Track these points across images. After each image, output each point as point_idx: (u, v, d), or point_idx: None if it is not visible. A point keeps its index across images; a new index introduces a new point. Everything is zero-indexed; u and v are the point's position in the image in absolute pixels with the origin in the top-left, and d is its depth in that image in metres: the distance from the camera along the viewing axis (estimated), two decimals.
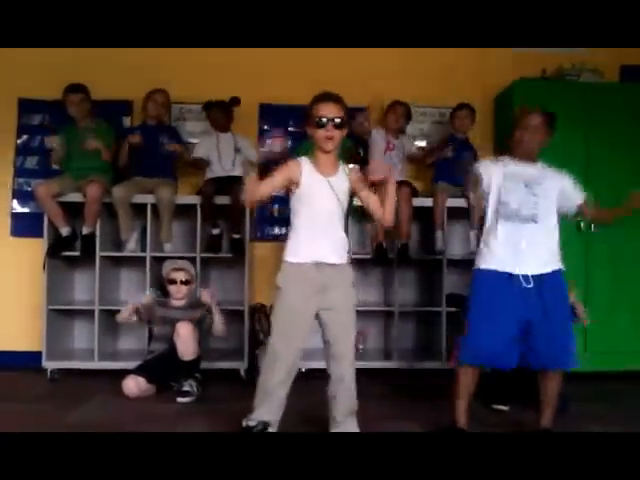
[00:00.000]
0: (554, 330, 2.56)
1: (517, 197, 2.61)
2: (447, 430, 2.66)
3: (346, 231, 2.57)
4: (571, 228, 3.95)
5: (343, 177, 2.55)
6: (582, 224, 3.96)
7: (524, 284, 2.55)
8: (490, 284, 2.59)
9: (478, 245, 2.79)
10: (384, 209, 2.55)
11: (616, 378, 3.86)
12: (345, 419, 2.55)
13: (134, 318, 3.61)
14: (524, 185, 2.63)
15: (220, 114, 4.10)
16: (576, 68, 4.17)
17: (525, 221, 2.60)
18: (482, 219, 2.88)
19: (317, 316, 2.53)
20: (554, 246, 2.67)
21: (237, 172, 4.03)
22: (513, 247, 2.59)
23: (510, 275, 2.57)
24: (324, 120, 2.43)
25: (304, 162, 2.52)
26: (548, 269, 2.61)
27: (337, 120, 2.44)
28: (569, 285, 3.17)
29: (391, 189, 2.52)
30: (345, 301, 2.55)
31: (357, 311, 3.95)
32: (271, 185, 2.49)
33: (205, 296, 3.64)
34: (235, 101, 4.11)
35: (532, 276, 2.57)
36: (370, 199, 2.58)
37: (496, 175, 2.67)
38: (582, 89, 4.09)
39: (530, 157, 2.69)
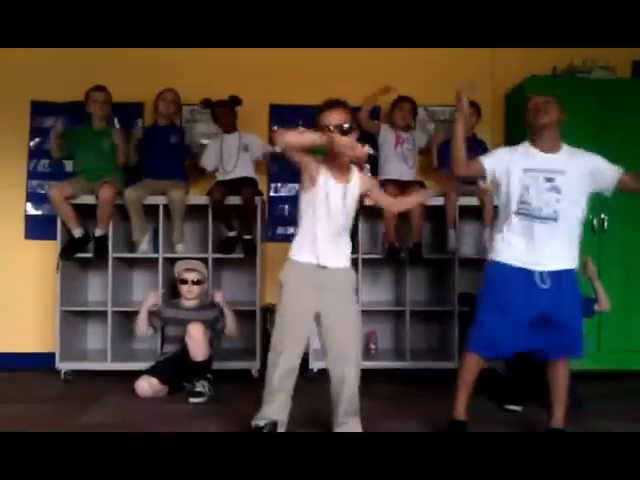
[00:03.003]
0: (565, 324, 2.55)
1: (538, 195, 2.55)
2: (447, 426, 2.66)
3: (354, 234, 2.55)
4: (584, 228, 3.91)
5: (355, 183, 2.57)
6: (595, 223, 3.93)
7: (540, 285, 2.53)
8: (505, 277, 2.58)
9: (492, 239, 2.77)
10: (397, 205, 2.81)
11: (630, 377, 3.83)
12: (348, 420, 2.55)
13: (151, 331, 3.67)
14: (544, 179, 2.56)
15: (225, 113, 4.06)
16: (587, 65, 4.13)
17: (545, 220, 2.55)
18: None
19: (317, 317, 2.54)
20: (574, 242, 2.64)
21: (243, 172, 4.02)
22: (531, 244, 2.56)
23: (527, 271, 2.55)
24: (331, 127, 2.44)
25: (322, 164, 2.52)
26: (564, 266, 2.58)
27: (345, 126, 2.44)
28: (592, 272, 3.17)
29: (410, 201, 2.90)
30: (345, 303, 2.56)
31: (369, 311, 4.03)
32: (311, 139, 2.40)
33: (218, 296, 3.66)
34: (236, 101, 4.06)
35: (549, 273, 2.54)
36: (381, 197, 2.74)
37: (514, 169, 2.61)
38: (594, 86, 4.05)
39: (552, 139, 2.62)
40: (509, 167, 2.62)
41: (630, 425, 2.87)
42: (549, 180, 2.56)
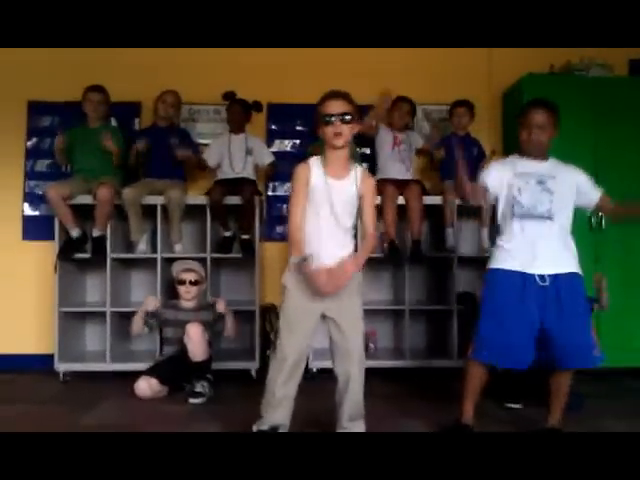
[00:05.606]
0: (570, 330, 2.51)
1: (530, 195, 2.59)
2: (452, 427, 2.66)
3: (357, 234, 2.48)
4: (582, 226, 3.92)
5: (352, 180, 2.50)
6: (593, 221, 3.93)
7: (539, 282, 2.53)
8: (505, 283, 2.57)
9: (492, 243, 2.76)
10: (365, 245, 2.54)
11: (629, 375, 3.84)
12: (352, 425, 2.50)
13: (146, 330, 3.65)
14: (536, 182, 2.60)
15: (240, 112, 4.10)
16: (584, 63, 4.14)
17: (540, 219, 2.57)
18: (493, 217, 2.84)
19: (324, 318, 2.51)
20: (570, 244, 2.64)
21: (247, 174, 4.05)
22: (529, 246, 2.56)
23: (525, 275, 2.54)
24: (331, 117, 2.41)
25: (313, 163, 2.49)
26: (565, 269, 2.57)
27: (345, 116, 2.41)
28: (603, 287, 3.14)
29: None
30: (349, 304, 2.50)
31: (368, 310, 4.01)
32: (302, 210, 2.46)
33: (221, 306, 3.66)
34: (257, 106, 4.13)
35: (548, 275, 2.54)
36: (367, 213, 2.53)
37: (506, 175, 2.65)
38: (591, 84, 4.06)
39: (540, 154, 2.67)
40: (502, 175, 2.67)
41: (629, 424, 2.87)
42: (540, 182, 2.61)
